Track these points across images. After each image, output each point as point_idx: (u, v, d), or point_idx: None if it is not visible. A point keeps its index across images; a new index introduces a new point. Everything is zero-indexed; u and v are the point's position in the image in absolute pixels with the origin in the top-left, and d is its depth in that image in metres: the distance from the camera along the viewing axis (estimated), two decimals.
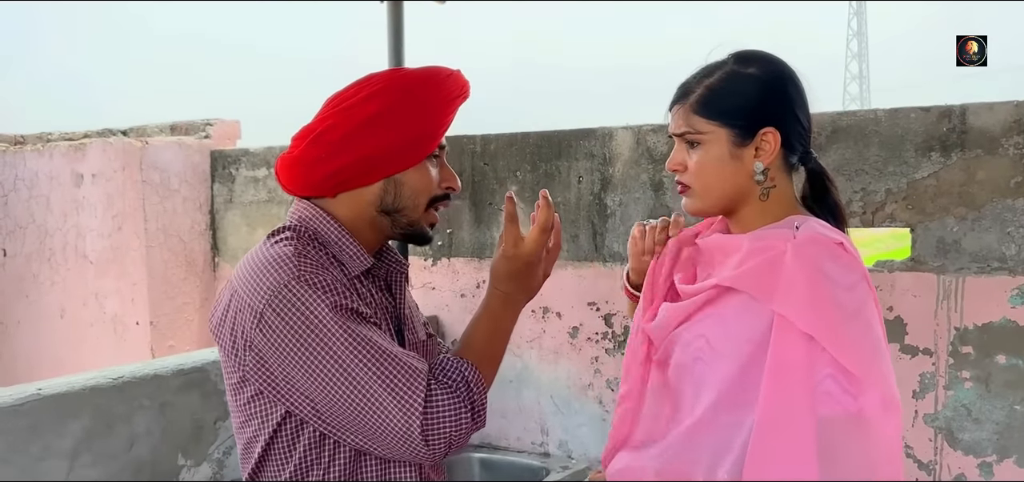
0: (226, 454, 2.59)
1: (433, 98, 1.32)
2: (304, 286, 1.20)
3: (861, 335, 1.21)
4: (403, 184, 1.32)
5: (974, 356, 2.44)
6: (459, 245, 3.34)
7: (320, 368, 1.18)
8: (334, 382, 1.18)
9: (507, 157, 3.24)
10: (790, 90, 1.32)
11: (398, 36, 3.05)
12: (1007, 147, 2.39)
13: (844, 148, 2.58)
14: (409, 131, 1.30)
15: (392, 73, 1.34)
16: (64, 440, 2.21)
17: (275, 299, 1.19)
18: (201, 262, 4.22)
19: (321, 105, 1.36)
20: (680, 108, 1.33)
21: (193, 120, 4.43)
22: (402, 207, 1.33)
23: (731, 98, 1.29)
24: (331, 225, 1.31)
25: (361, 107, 1.28)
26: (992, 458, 2.43)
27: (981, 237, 2.42)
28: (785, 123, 1.29)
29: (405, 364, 1.20)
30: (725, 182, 1.30)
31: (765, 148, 1.29)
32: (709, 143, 1.30)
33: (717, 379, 1.24)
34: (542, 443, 3.22)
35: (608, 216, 3.04)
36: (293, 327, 1.18)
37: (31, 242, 4.37)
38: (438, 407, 1.20)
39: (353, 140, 1.28)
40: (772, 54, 1.34)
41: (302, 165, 1.32)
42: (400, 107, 1.29)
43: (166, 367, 2.50)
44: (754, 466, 1.17)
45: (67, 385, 2.27)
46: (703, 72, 1.33)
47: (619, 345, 3.04)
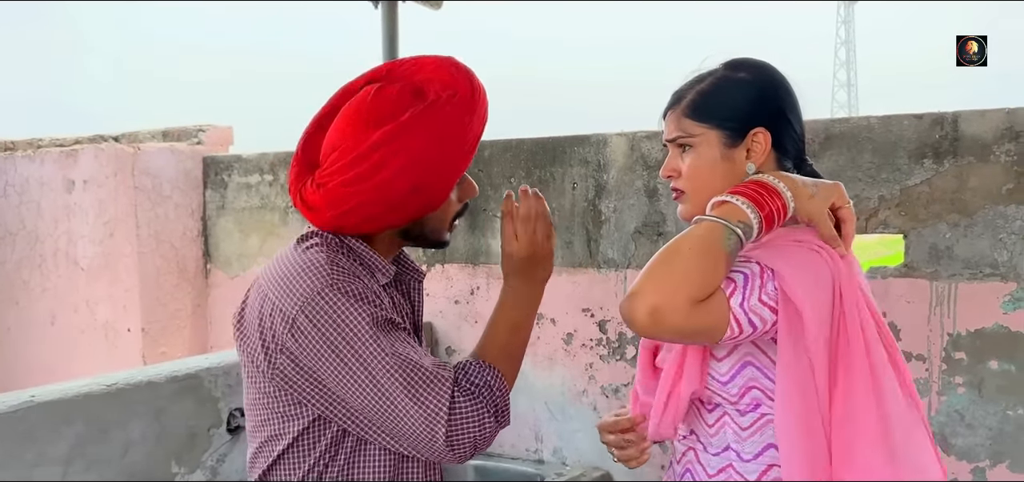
0: (219, 461, 2.58)
1: (464, 142, 1.28)
2: (337, 293, 1.21)
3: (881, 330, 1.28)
4: (430, 218, 1.33)
5: (967, 362, 2.46)
6: (453, 251, 3.34)
7: (350, 375, 1.20)
8: (363, 389, 1.20)
9: (502, 163, 3.25)
10: (780, 93, 1.35)
11: (392, 41, 3.05)
12: (999, 154, 2.41)
13: (837, 155, 2.59)
14: (444, 184, 1.29)
15: (420, 125, 1.24)
16: (58, 446, 2.20)
17: (308, 305, 1.21)
18: (193, 268, 4.20)
19: (338, 135, 1.28)
20: (673, 114, 1.36)
21: (186, 126, 4.41)
22: (427, 232, 1.35)
23: (721, 101, 1.33)
24: (353, 239, 1.32)
25: (396, 180, 1.23)
26: (985, 463, 2.45)
27: (973, 243, 2.44)
28: (775, 124, 1.33)
29: (431, 373, 1.21)
30: (717, 184, 1.32)
31: (756, 149, 1.32)
32: (701, 145, 1.33)
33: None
34: (536, 449, 3.22)
35: (602, 222, 3.05)
36: (325, 333, 1.20)
37: (21, 248, 4.35)
38: (461, 414, 1.21)
39: (391, 212, 1.27)
40: (762, 60, 1.38)
41: (332, 223, 1.30)
42: (435, 168, 1.26)
43: (160, 374, 2.49)
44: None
45: (61, 392, 2.25)
46: (695, 79, 1.37)
47: (613, 351, 3.05)
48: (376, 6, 3.16)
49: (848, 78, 65.41)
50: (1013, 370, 2.40)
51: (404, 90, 1.27)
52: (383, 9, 3.13)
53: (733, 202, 1.22)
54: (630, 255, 3.00)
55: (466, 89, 1.28)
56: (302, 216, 1.35)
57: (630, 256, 3.00)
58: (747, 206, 1.21)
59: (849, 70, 65.49)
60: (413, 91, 1.27)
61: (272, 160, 3.93)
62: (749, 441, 1.29)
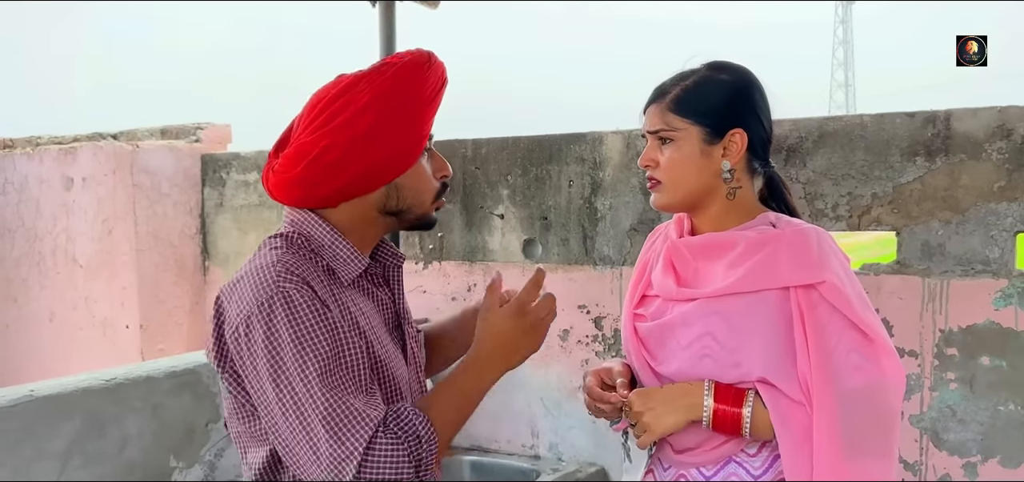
0: (218, 456, 2.59)
1: (421, 97, 1.31)
2: (279, 305, 1.20)
3: (867, 303, 1.35)
4: (403, 186, 1.33)
5: (959, 358, 2.48)
6: (450, 248, 3.36)
7: (277, 392, 1.19)
8: (285, 410, 1.19)
9: (498, 161, 3.27)
10: (756, 97, 1.43)
11: (390, 40, 3.07)
12: (990, 152, 2.42)
13: (830, 153, 2.61)
14: (403, 138, 1.30)
15: (374, 77, 1.31)
16: (56, 442, 2.21)
17: (250, 318, 1.21)
18: (191, 266, 4.22)
19: (304, 110, 1.34)
20: (656, 107, 1.43)
21: (184, 124, 4.43)
22: (408, 207, 1.34)
23: (704, 99, 1.40)
24: (326, 231, 1.31)
25: (353, 123, 1.27)
26: (977, 458, 2.47)
27: (965, 240, 2.46)
28: (751, 127, 1.40)
29: (354, 411, 1.18)
30: (693, 178, 1.40)
31: (732, 148, 1.40)
32: (681, 140, 1.40)
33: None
34: (532, 445, 3.24)
35: (598, 220, 3.07)
36: (262, 347, 1.20)
37: (20, 246, 4.36)
38: (379, 457, 1.18)
39: (350, 158, 1.28)
40: (741, 64, 1.46)
41: (301, 186, 1.30)
42: (392, 115, 1.29)
43: (158, 369, 2.50)
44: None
45: (59, 387, 2.27)
46: (679, 76, 1.44)
47: (609, 347, 3.07)
48: (374, 5, 3.17)
49: (846, 78, 65.42)
50: (1004, 366, 2.42)
51: (354, 87, 1.32)
52: (380, 9, 3.14)
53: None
54: (626, 252, 3.02)
55: (422, 54, 1.33)
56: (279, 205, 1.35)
57: (626, 253, 3.02)
58: None
59: (846, 70, 65.50)
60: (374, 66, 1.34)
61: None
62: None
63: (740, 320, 1.34)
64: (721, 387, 1.33)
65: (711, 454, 1.38)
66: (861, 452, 1.28)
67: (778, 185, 1.50)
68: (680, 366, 1.38)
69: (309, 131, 1.30)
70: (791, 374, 1.31)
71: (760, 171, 1.45)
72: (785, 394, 1.30)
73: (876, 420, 1.30)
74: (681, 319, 1.39)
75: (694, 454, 1.41)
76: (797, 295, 1.31)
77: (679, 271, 1.45)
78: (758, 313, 1.33)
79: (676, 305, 1.42)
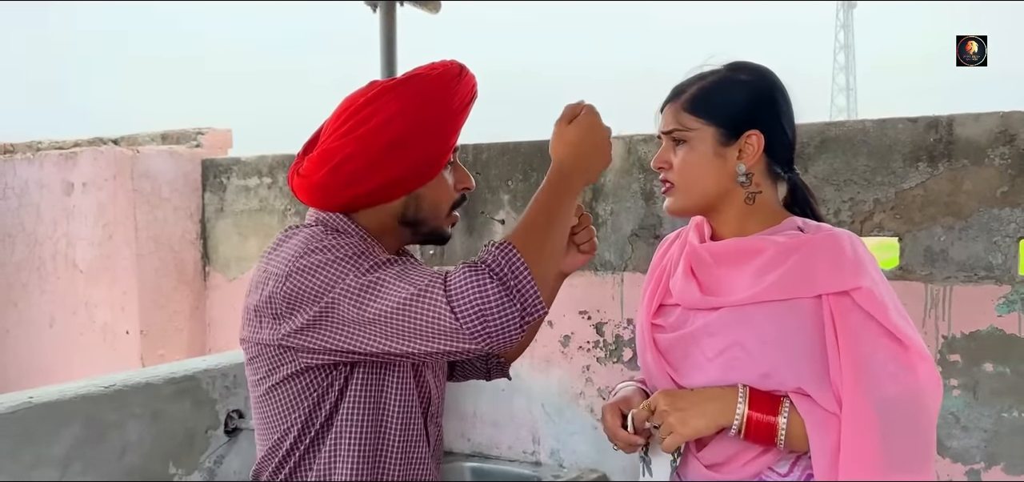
0: (217, 463, 2.58)
1: (449, 109, 1.31)
2: (329, 241, 1.24)
3: (900, 308, 1.30)
4: (423, 198, 1.33)
5: (962, 364, 2.47)
6: (451, 254, 3.35)
7: (353, 291, 1.19)
8: (362, 300, 1.18)
9: (499, 166, 3.26)
10: (777, 98, 1.37)
11: (391, 43, 3.06)
12: (993, 157, 2.42)
13: (833, 158, 2.60)
14: (429, 150, 1.30)
15: (405, 87, 1.30)
16: (56, 448, 2.20)
17: (301, 255, 1.23)
18: (192, 271, 4.21)
19: (334, 113, 1.35)
20: (671, 107, 1.38)
21: (185, 129, 4.42)
22: (424, 218, 1.35)
23: (721, 99, 1.35)
24: (352, 228, 1.32)
25: (380, 132, 1.27)
26: (980, 465, 2.46)
27: (968, 246, 2.45)
28: (770, 129, 1.35)
29: (422, 264, 1.23)
30: (707, 180, 1.34)
31: (748, 150, 1.34)
32: (695, 140, 1.35)
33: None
34: (533, 452, 3.23)
35: (599, 225, 3.06)
36: (319, 262, 1.21)
37: (21, 251, 4.35)
38: (456, 281, 1.15)
39: (374, 168, 1.28)
40: (764, 66, 1.40)
41: (324, 190, 1.31)
42: (419, 127, 1.28)
43: (158, 375, 2.49)
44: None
45: (59, 393, 2.26)
46: (697, 76, 1.39)
47: (610, 353, 3.06)
48: (374, 9, 3.17)
49: (847, 82, 65.45)
50: (1007, 372, 2.41)
51: (382, 96, 1.32)
52: (381, 11, 3.13)
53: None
54: (627, 258, 3.01)
55: (454, 66, 1.33)
56: (299, 210, 1.37)
57: (627, 259, 3.01)
58: None
59: (848, 74, 65.54)
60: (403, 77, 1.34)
61: (271, 163, 3.94)
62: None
63: (771, 329, 1.27)
64: (756, 393, 1.26)
65: (742, 470, 1.31)
66: (901, 463, 1.22)
67: (803, 192, 1.43)
68: (706, 379, 1.31)
69: (336, 136, 1.30)
70: (825, 384, 1.25)
71: (783, 176, 1.39)
72: (821, 405, 1.24)
73: (915, 429, 1.24)
74: (705, 329, 1.33)
75: (722, 470, 1.33)
76: (829, 302, 1.25)
77: (701, 278, 1.38)
78: (790, 322, 1.27)
79: (698, 314, 1.35)
